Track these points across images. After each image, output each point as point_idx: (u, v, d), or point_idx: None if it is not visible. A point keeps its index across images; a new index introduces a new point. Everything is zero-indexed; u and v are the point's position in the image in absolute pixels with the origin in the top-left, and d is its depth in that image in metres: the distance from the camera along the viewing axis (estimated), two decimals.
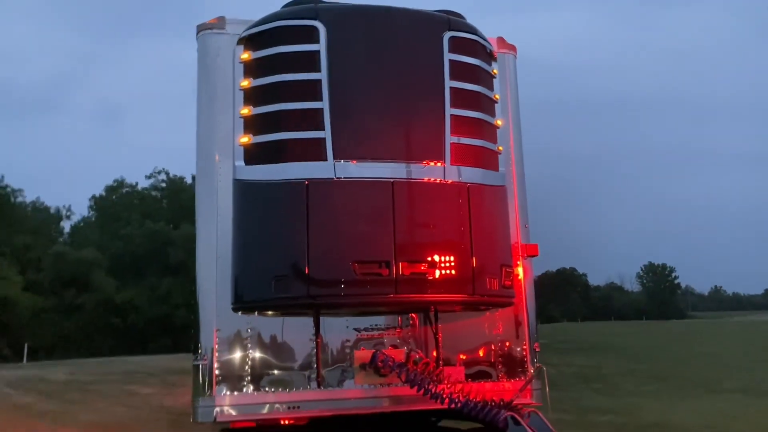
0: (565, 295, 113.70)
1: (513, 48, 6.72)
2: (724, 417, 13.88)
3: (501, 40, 6.64)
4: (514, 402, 5.45)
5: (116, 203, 70.78)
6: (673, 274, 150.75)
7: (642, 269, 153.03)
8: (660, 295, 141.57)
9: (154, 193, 73.34)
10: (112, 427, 14.16)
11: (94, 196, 75.44)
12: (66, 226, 76.31)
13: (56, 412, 18.57)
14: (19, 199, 67.62)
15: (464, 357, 6.06)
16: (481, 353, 6.12)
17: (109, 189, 74.37)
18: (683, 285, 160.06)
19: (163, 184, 72.54)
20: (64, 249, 61.50)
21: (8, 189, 65.20)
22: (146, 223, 63.15)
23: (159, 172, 72.47)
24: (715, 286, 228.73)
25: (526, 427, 5.02)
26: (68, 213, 76.71)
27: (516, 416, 5.11)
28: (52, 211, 75.31)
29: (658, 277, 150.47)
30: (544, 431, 5.17)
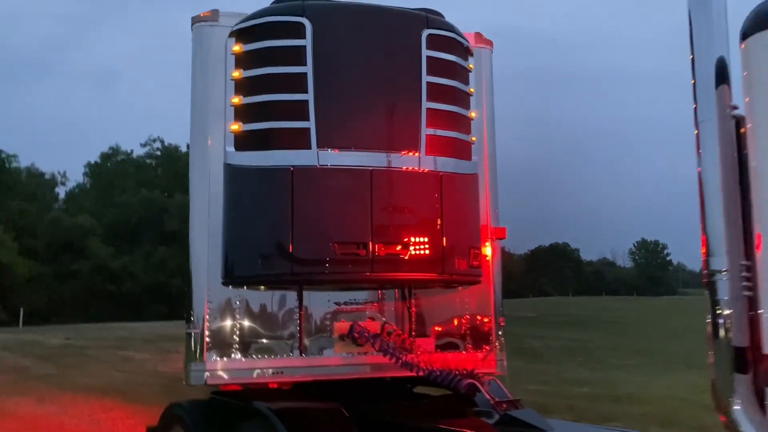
0: (557, 269, 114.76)
1: (490, 43, 7.16)
2: (697, 390, 14.50)
3: (478, 36, 7.08)
4: (477, 371, 6.00)
5: (111, 171, 71.09)
6: (665, 251, 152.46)
7: (634, 245, 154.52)
8: (651, 271, 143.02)
9: (149, 161, 73.67)
10: (109, 391, 14.67)
11: (89, 163, 75.74)
12: (61, 192, 76.66)
13: (54, 375, 19.23)
14: (14, 164, 67.81)
15: (435, 329, 6.62)
16: (450, 326, 6.68)
17: (104, 156, 74.65)
18: (675, 262, 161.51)
19: (158, 153, 72.87)
20: (59, 215, 62.02)
21: (3, 155, 65.45)
22: (141, 192, 63.56)
23: (154, 141, 72.65)
24: None
25: (485, 393, 5.58)
26: (63, 179, 77.07)
27: (476, 383, 5.67)
28: (47, 176, 75.62)
29: (650, 254, 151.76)
30: (502, 397, 5.71)
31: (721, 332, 3.88)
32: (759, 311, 3.80)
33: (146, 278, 55.15)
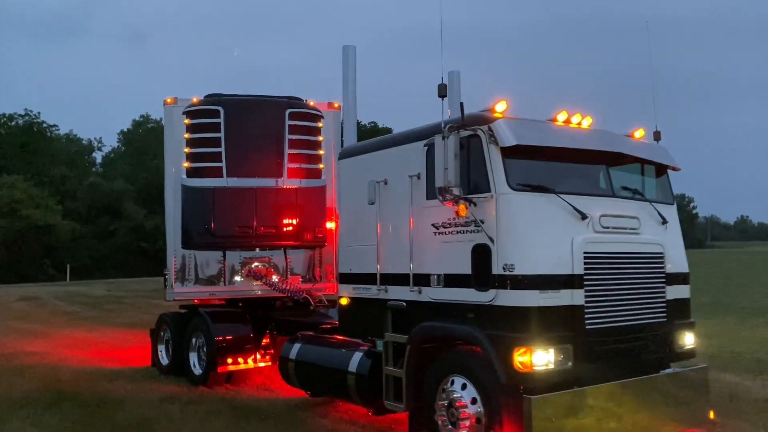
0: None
1: (338, 106, 12.21)
2: None
3: (330, 104, 12.24)
4: (316, 293, 11.38)
5: (143, 137, 76.38)
6: (692, 204, 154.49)
7: None
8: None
9: None
10: (139, 326, 19.87)
11: (122, 131, 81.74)
12: (98, 156, 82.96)
13: (98, 317, 25.07)
14: (55, 133, 73.94)
15: (301, 272, 12.00)
16: (310, 269, 12.06)
17: (136, 124, 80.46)
18: (709, 215, 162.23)
19: None
20: (97, 180, 67.57)
21: (44, 125, 71.66)
22: None
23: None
24: (741, 216, 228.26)
25: (310, 300, 11.01)
26: (99, 144, 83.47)
27: (309, 297, 11.10)
28: (84, 142, 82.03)
29: (677, 207, 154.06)
30: (321, 317, 10.94)
31: None
32: None
33: None
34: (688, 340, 7.56)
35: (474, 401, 6.56)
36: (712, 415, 7.63)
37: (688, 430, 7.53)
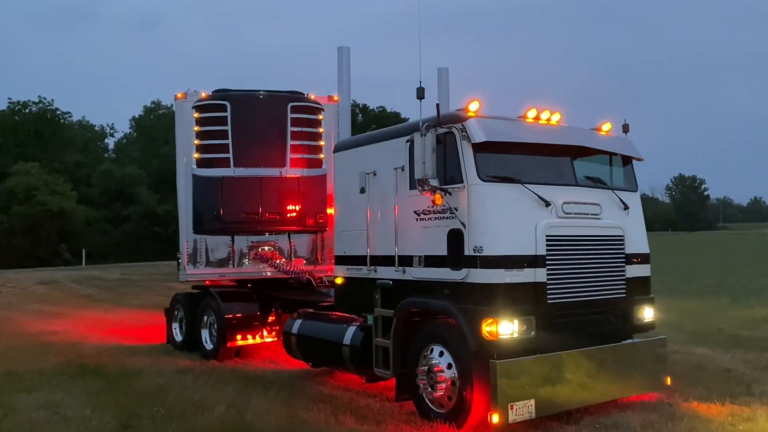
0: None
1: (337, 99, 13.04)
2: (677, 312, 16.68)
3: (330, 97, 13.08)
4: (318, 275, 12.29)
5: (154, 123, 77.35)
6: (703, 186, 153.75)
7: (672, 181, 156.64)
8: (688, 206, 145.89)
9: None
10: (153, 307, 20.77)
11: (133, 117, 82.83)
12: (110, 142, 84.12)
13: (114, 299, 26.16)
14: (68, 120, 75.05)
15: (304, 255, 12.92)
16: (312, 252, 12.98)
17: (147, 110, 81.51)
18: (721, 196, 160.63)
19: None
20: (110, 166, 68.62)
21: (58, 112, 72.82)
22: None
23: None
24: (755, 197, 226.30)
25: (312, 281, 11.93)
26: (111, 131, 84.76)
27: (311, 278, 12.02)
28: (96, 128, 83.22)
29: (687, 189, 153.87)
30: (322, 295, 11.85)
31: None
32: None
33: None
34: (647, 314, 8.40)
35: (449, 366, 7.45)
36: (668, 381, 8.51)
37: (645, 394, 8.43)
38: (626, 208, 8.34)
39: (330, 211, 12.58)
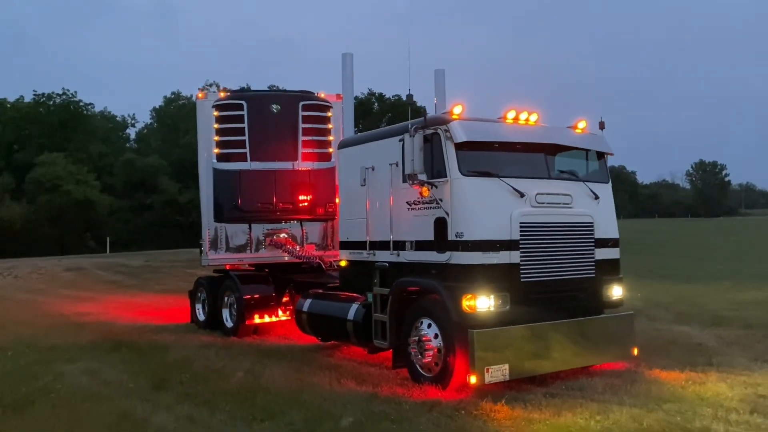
0: (612, 192, 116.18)
1: (341, 97, 14.12)
2: (675, 295, 17.93)
3: (338, 95, 14.16)
4: (327, 259, 13.45)
5: (174, 114, 78.74)
6: (724, 172, 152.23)
7: (692, 167, 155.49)
8: (709, 192, 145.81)
9: None
10: (177, 292, 22.05)
11: (154, 108, 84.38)
12: (131, 133, 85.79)
13: (137, 284, 27.54)
14: (91, 111, 76.70)
15: (315, 241, 14.09)
16: (323, 239, 14.15)
17: (168, 101, 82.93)
18: (744, 182, 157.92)
19: None
20: (132, 156, 69.94)
21: (81, 103, 74.49)
22: None
23: (211, 85, 79.96)
24: None
25: (322, 265, 13.10)
26: (133, 121, 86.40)
27: (321, 262, 13.19)
28: (118, 119, 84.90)
29: (707, 175, 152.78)
30: (331, 278, 13.00)
31: None
32: None
33: None
34: (615, 292, 9.47)
35: (436, 336, 8.60)
36: (635, 351, 9.57)
37: (615, 363, 9.51)
38: (597, 197, 9.39)
39: (338, 200, 13.78)
